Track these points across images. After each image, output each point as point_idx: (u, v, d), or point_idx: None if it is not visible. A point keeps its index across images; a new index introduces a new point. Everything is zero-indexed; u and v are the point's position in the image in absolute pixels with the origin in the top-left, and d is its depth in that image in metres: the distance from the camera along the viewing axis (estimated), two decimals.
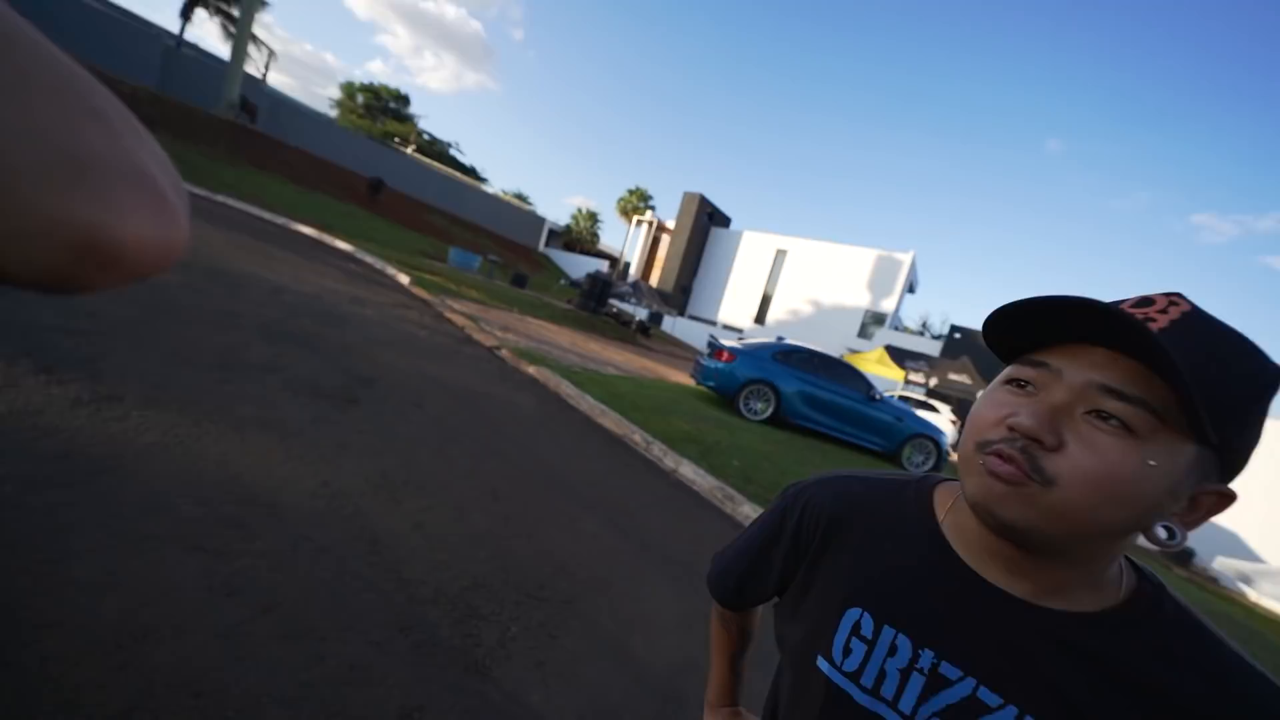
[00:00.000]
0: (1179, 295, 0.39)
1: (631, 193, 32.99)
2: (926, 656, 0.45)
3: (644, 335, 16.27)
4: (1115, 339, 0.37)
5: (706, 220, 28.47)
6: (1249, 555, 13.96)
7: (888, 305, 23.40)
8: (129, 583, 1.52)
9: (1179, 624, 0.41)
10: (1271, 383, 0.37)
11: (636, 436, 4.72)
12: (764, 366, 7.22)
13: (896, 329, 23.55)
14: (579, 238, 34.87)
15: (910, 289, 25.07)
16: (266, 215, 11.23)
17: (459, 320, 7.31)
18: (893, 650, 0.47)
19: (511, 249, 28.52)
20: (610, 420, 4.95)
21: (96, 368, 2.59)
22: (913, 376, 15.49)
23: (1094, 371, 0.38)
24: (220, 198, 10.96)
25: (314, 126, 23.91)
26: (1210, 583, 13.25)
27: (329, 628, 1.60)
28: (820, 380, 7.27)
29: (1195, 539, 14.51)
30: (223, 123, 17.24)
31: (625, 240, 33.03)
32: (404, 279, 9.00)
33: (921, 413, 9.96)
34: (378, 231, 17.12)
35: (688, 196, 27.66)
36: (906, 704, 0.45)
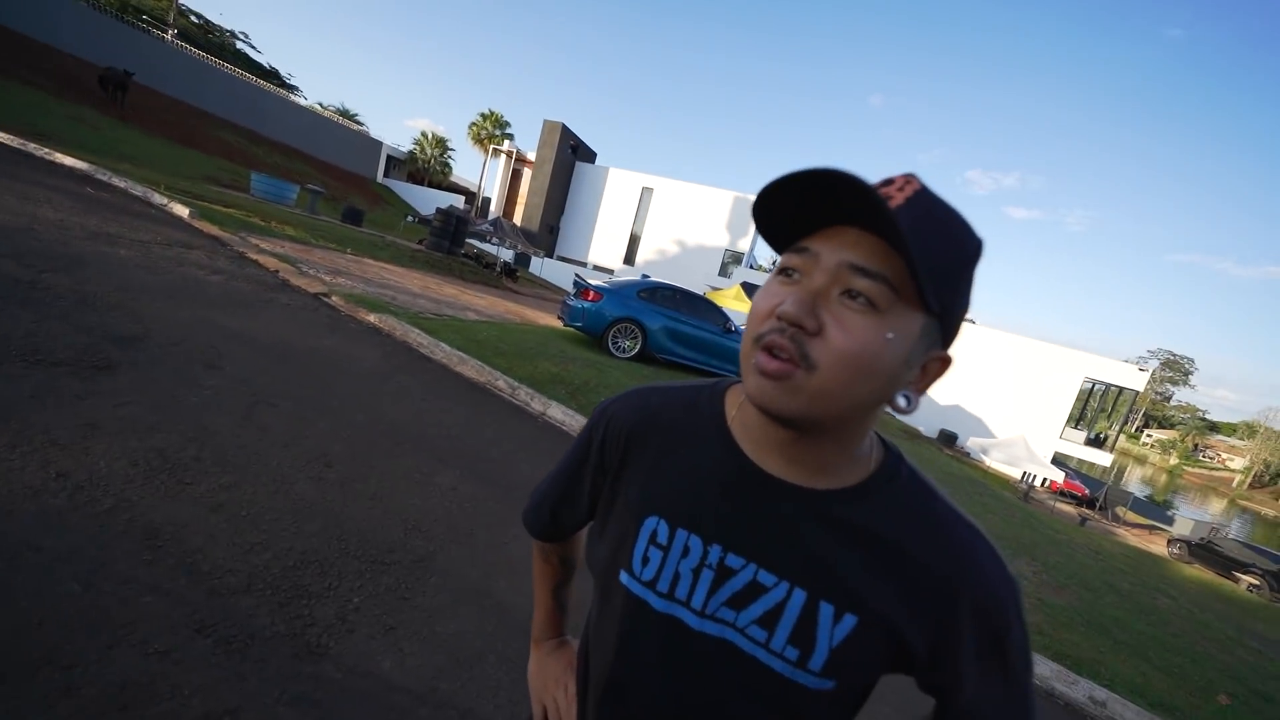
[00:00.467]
0: (913, 175, 0.41)
1: (485, 117, 29.29)
2: (715, 552, 0.48)
3: (510, 278, 15.35)
4: (862, 217, 0.39)
5: (570, 153, 27.01)
6: (987, 434, 18.98)
7: (744, 245, 25.26)
8: None
9: (910, 487, 0.48)
10: (976, 252, 0.41)
11: (501, 382, 4.49)
12: (630, 304, 7.31)
13: (752, 267, 25.60)
14: (426, 168, 30.40)
15: None
16: None
17: (270, 263, 6.02)
18: (685, 552, 0.48)
19: (341, 178, 24.04)
20: (470, 368, 4.62)
21: None
22: None
23: (845, 251, 0.40)
24: None
25: None
26: (965, 456, 17.83)
27: (78, 651, 1.25)
28: (682, 316, 7.63)
29: (954, 423, 19.24)
30: None
31: (482, 173, 29.94)
32: (181, 210, 7.03)
33: None
34: (133, 147, 12.99)
35: (549, 125, 25.71)
36: (698, 600, 0.48)
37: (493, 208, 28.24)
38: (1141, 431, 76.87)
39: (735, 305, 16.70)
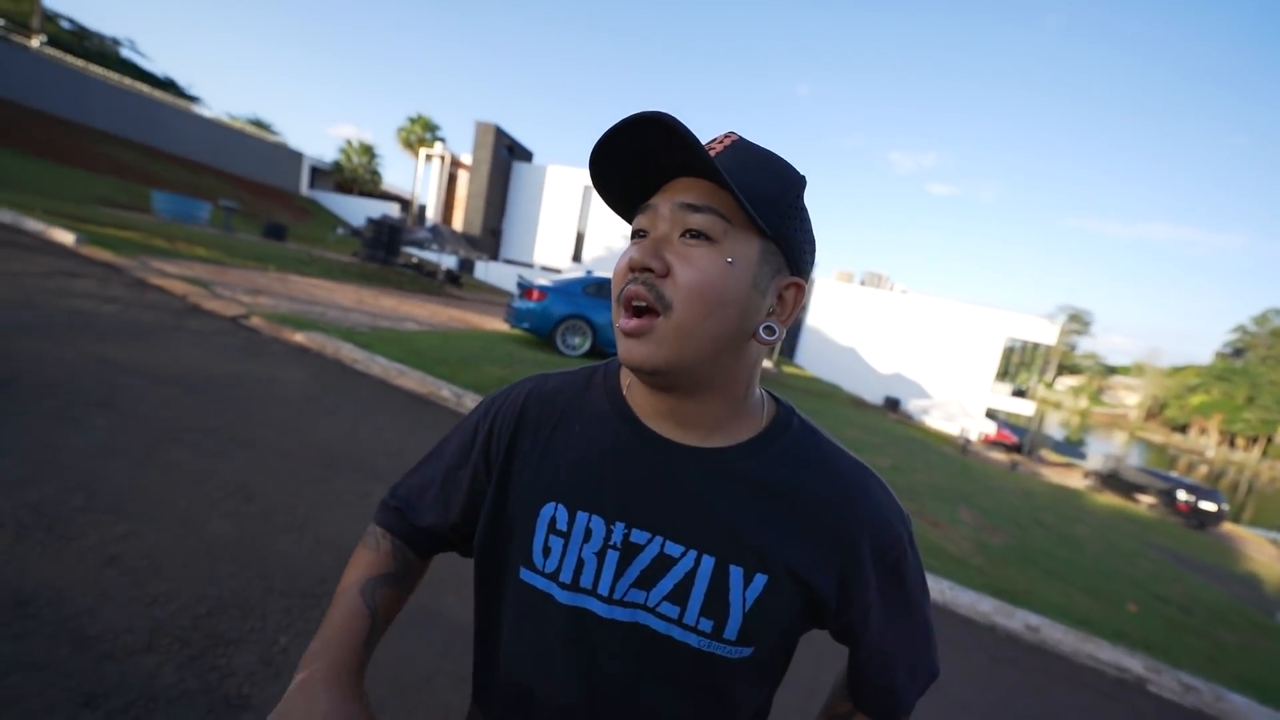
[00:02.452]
0: (733, 132, 0.45)
1: (414, 121, 27.98)
2: (618, 530, 0.46)
3: (454, 285, 14.80)
4: (687, 167, 0.41)
5: (507, 154, 26.29)
6: (925, 396, 20.18)
7: None
8: None
9: (802, 436, 0.49)
10: (798, 181, 0.45)
11: (445, 392, 4.31)
12: (576, 301, 7.22)
13: None
14: (354, 177, 28.77)
15: None
16: None
17: (176, 287, 5.49)
18: (588, 535, 0.46)
19: (260, 193, 22.36)
20: (411, 380, 4.40)
21: None
22: None
23: (677, 195, 0.42)
24: None
25: None
26: (908, 419, 18.89)
27: None
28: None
29: (896, 390, 20.33)
30: None
31: (415, 179, 28.67)
32: (64, 237, 6.29)
33: None
34: (3, 169, 11.54)
35: (481, 127, 24.88)
36: (605, 585, 0.45)
37: (429, 214, 27.13)
38: (1055, 380, 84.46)
39: None
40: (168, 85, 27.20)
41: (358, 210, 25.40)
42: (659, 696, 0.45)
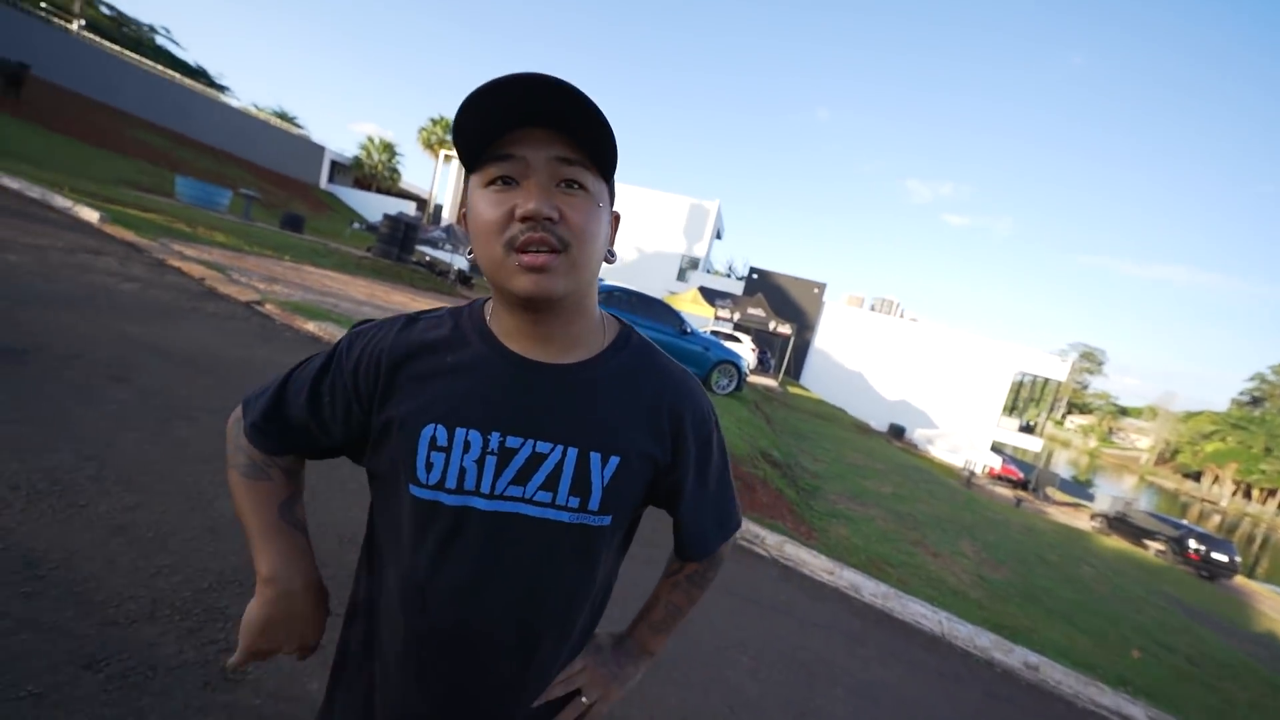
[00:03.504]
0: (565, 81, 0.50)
1: (435, 122, 28.47)
2: (494, 439, 0.53)
3: (465, 285, 14.91)
4: (554, 119, 0.47)
5: None
6: (931, 425, 20.02)
7: (700, 250, 25.67)
8: None
9: (641, 348, 0.61)
10: (612, 130, 0.50)
11: None
12: None
13: (708, 272, 26.07)
14: (374, 173, 29.19)
15: (718, 235, 27.81)
16: None
17: (195, 270, 5.58)
18: (466, 447, 0.53)
19: (280, 184, 22.73)
20: None
21: None
22: (720, 313, 17.57)
23: (552, 149, 0.48)
24: None
25: None
26: (913, 448, 18.74)
27: None
28: (640, 319, 7.67)
29: (902, 417, 20.16)
30: None
31: (434, 179, 29.08)
32: (89, 214, 6.42)
33: (729, 343, 11.40)
34: (30, 146, 11.83)
35: None
36: (486, 484, 0.53)
37: (445, 213, 27.46)
38: (1065, 418, 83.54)
39: (693, 309, 16.91)
40: (199, 74, 27.84)
41: (375, 206, 25.74)
42: (540, 570, 0.55)
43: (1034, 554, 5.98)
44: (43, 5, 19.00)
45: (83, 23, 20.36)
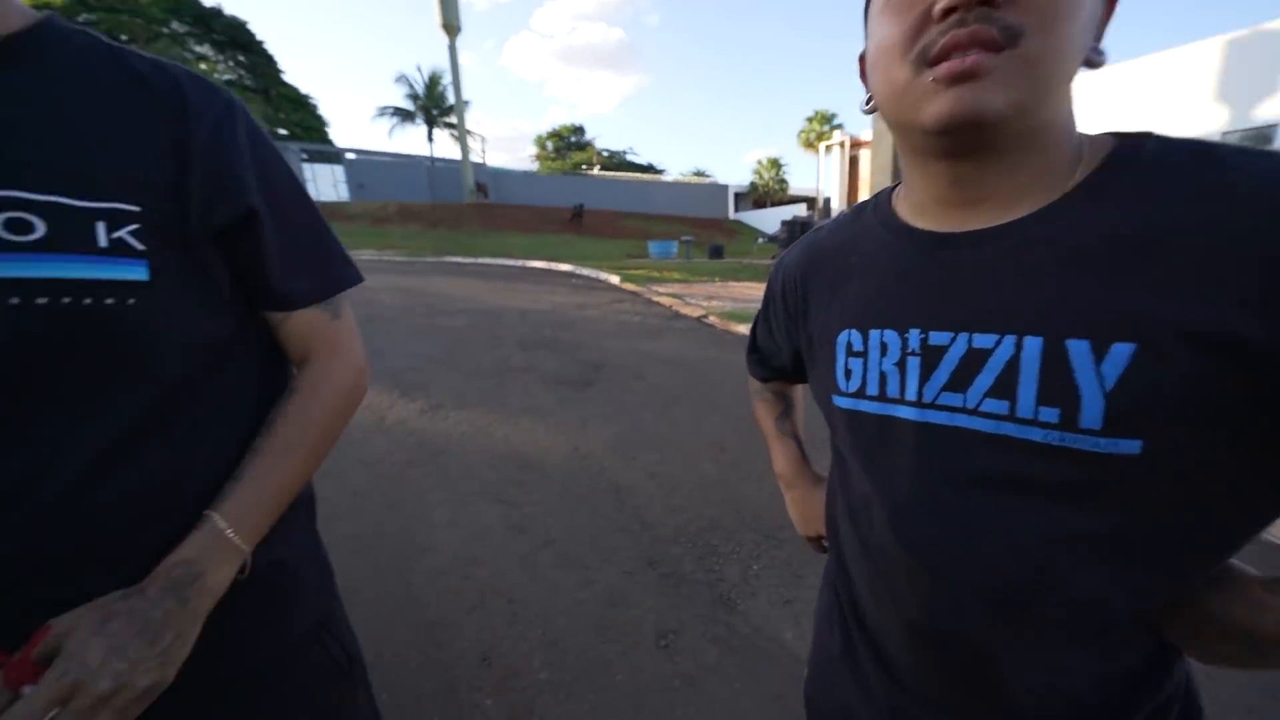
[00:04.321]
0: None
1: (811, 120, 29.05)
2: (914, 338, 0.43)
3: None
4: None
5: None
6: None
7: (1272, 109, 14.63)
8: (462, 522, 2.06)
9: (1164, 155, 0.35)
10: None
11: None
12: None
13: None
14: (766, 191, 32.72)
15: None
16: (507, 261, 14.10)
17: (665, 301, 7.73)
18: (884, 350, 0.45)
19: (702, 225, 28.83)
20: None
21: (427, 389, 3.64)
22: None
23: None
24: (476, 259, 14.28)
25: (524, 182, 28.90)
26: None
27: (591, 560, 1.85)
28: None
29: None
30: (469, 205, 22.60)
31: (818, 174, 29.55)
32: (614, 279, 10.02)
33: None
34: (588, 248, 19.60)
35: None
36: (911, 390, 0.43)
37: (835, 202, 27.26)
38: None
39: None
40: (648, 168, 39.28)
41: (772, 219, 28.55)
42: (995, 504, 0.38)
43: None
44: (582, 166, 31.87)
45: (598, 167, 32.85)
